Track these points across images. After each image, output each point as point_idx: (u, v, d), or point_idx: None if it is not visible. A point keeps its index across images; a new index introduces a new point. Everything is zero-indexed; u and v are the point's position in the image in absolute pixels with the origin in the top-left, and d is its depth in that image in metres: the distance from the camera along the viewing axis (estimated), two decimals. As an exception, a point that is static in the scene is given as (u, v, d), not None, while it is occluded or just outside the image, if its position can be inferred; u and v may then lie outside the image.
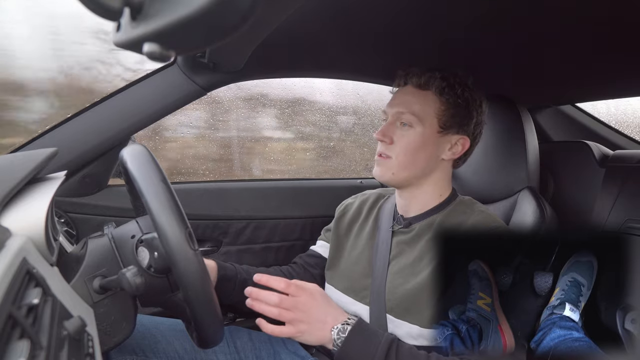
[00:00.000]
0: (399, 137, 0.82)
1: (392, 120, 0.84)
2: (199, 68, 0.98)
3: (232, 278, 0.84)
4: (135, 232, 0.62)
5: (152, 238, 0.60)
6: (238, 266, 0.88)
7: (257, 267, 0.94)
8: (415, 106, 0.82)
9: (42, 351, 0.32)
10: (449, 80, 0.82)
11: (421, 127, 0.81)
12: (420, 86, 0.83)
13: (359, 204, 0.99)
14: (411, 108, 0.82)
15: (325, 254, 0.99)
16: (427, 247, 0.81)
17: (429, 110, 0.82)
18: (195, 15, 0.23)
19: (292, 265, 0.99)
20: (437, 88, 0.82)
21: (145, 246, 0.60)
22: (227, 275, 0.84)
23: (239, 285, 0.84)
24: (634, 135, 1.50)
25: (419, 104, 0.82)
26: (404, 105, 0.82)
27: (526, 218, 0.94)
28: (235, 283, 0.84)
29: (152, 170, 0.55)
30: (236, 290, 0.83)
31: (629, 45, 0.80)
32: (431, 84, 0.82)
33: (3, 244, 0.39)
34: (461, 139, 0.84)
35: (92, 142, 0.96)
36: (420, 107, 0.82)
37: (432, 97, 0.82)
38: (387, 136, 0.83)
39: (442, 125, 0.82)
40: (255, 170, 1.57)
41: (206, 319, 0.55)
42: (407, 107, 0.82)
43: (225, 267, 0.85)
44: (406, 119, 0.82)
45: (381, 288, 0.82)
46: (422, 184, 0.86)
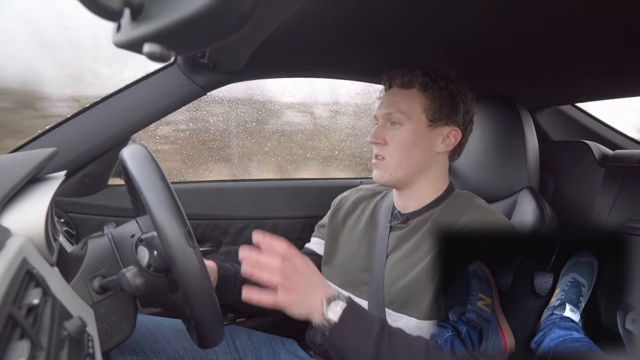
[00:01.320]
0: (391, 136, 0.84)
1: (382, 122, 0.86)
2: (199, 68, 0.98)
3: (232, 278, 0.84)
4: (135, 232, 0.62)
5: (152, 237, 0.60)
6: (237, 266, 0.88)
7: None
8: (402, 105, 0.84)
9: (42, 351, 0.32)
10: (431, 75, 0.84)
11: (410, 124, 0.83)
12: (404, 85, 0.85)
13: (354, 199, 0.99)
14: (399, 107, 0.84)
15: (320, 251, 0.99)
16: (423, 240, 0.81)
17: (416, 106, 0.84)
18: (196, 16, 0.23)
19: None
20: (421, 84, 0.84)
21: (144, 245, 0.60)
22: (227, 275, 0.84)
23: (239, 285, 0.84)
24: (634, 135, 1.50)
25: (405, 102, 0.84)
26: (391, 106, 0.85)
27: (526, 218, 0.94)
28: (235, 283, 0.84)
29: (152, 170, 0.55)
30: (236, 290, 0.83)
31: (629, 45, 0.80)
32: (414, 81, 0.84)
33: (3, 244, 0.39)
34: (452, 130, 0.85)
35: (92, 142, 0.96)
36: (407, 105, 0.84)
37: (417, 94, 0.84)
38: (379, 137, 0.85)
39: (431, 119, 0.84)
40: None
41: (206, 319, 0.55)
42: (395, 106, 0.84)
43: (225, 267, 0.85)
44: (395, 118, 0.84)
45: (379, 282, 0.83)
46: (419, 181, 0.86)
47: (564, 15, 0.70)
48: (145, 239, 0.61)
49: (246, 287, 0.65)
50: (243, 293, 0.64)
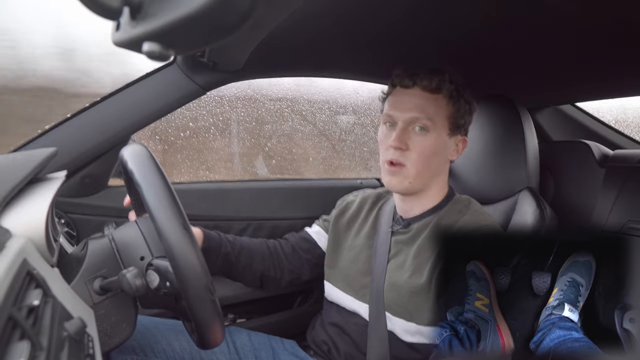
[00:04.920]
0: (415, 142, 0.80)
1: (404, 126, 0.81)
2: (199, 67, 0.98)
3: (215, 249, 0.86)
4: (144, 253, 0.60)
5: (166, 270, 0.57)
6: (224, 236, 0.89)
7: (241, 237, 0.95)
8: (429, 110, 0.80)
9: (43, 352, 0.32)
10: (457, 84, 0.82)
11: (436, 132, 0.81)
12: (432, 90, 0.81)
13: (359, 203, 0.99)
14: (427, 112, 0.80)
15: (319, 242, 0.98)
16: (424, 245, 0.82)
17: (442, 113, 0.82)
18: (195, 15, 0.23)
19: (281, 241, 0.99)
20: (448, 91, 0.81)
21: (155, 271, 0.59)
22: (212, 246, 0.85)
23: (221, 258, 0.86)
24: (634, 135, 1.50)
25: (433, 107, 0.81)
26: (417, 110, 0.80)
27: (526, 218, 0.93)
28: (218, 255, 0.86)
29: (152, 170, 0.55)
30: (218, 262, 0.85)
31: (629, 44, 0.80)
32: (442, 87, 0.81)
33: (3, 245, 0.39)
34: (462, 139, 0.86)
35: (92, 142, 0.96)
36: (434, 111, 0.81)
37: (443, 101, 0.82)
38: (403, 142, 0.80)
39: (452, 128, 0.83)
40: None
41: (207, 321, 0.55)
42: (423, 111, 0.80)
43: (211, 237, 0.86)
44: (423, 124, 0.80)
45: (380, 286, 0.83)
46: (429, 188, 0.86)
47: (563, 16, 0.70)
48: (156, 266, 0.58)
49: None
50: None
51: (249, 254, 0.91)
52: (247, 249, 0.91)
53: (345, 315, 0.88)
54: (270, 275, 0.93)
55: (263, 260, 0.93)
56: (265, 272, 0.93)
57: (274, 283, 0.95)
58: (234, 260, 0.88)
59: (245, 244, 0.92)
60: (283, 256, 0.95)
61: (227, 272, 0.90)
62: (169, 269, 0.55)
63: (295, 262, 0.96)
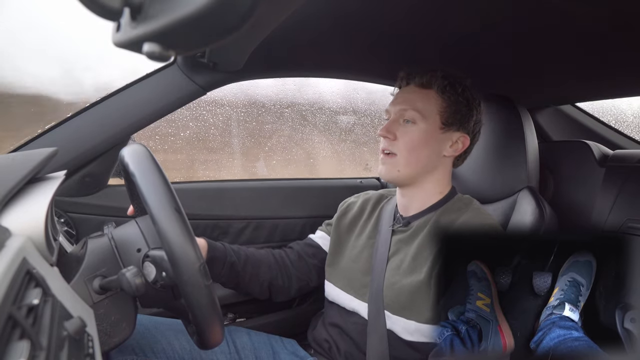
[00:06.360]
0: (403, 133, 0.84)
1: (395, 117, 0.86)
2: (199, 68, 0.98)
3: (220, 259, 0.85)
4: (141, 245, 0.60)
5: (161, 259, 0.58)
6: (228, 246, 0.89)
7: (247, 246, 0.94)
8: (418, 103, 0.84)
9: (42, 352, 0.32)
10: (450, 79, 0.84)
11: (424, 124, 0.83)
12: (423, 85, 0.85)
13: (361, 204, 0.99)
14: (414, 105, 0.83)
15: (324, 246, 0.99)
16: (423, 244, 0.82)
17: (432, 107, 0.84)
18: (195, 15, 0.23)
19: (286, 250, 0.99)
20: (439, 86, 0.84)
21: (151, 262, 0.59)
22: (216, 256, 0.85)
23: (227, 268, 0.85)
24: (634, 135, 1.50)
25: (422, 101, 0.84)
26: (406, 103, 0.84)
27: (526, 218, 0.93)
28: (223, 265, 0.85)
29: (152, 170, 0.55)
30: (224, 272, 0.85)
31: (629, 44, 0.80)
32: (433, 83, 0.84)
33: (3, 244, 0.39)
34: (462, 137, 0.86)
35: (92, 142, 0.96)
36: (423, 104, 0.83)
37: (434, 95, 0.84)
38: (390, 132, 0.84)
39: (444, 122, 0.84)
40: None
41: (207, 321, 0.55)
42: (410, 104, 0.84)
43: (215, 247, 0.85)
44: (409, 116, 0.84)
45: (379, 285, 0.83)
46: (424, 182, 0.87)
47: (563, 16, 0.70)
48: (152, 257, 0.59)
49: None
50: None
51: (255, 264, 0.90)
52: (253, 259, 0.91)
53: (345, 315, 0.88)
54: (278, 284, 0.93)
55: (270, 270, 0.92)
56: (273, 281, 0.92)
57: (283, 292, 0.95)
58: (240, 270, 0.87)
59: (251, 254, 0.91)
60: (289, 264, 0.95)
61: (234, 282, 0.88)
62: (164, 257, 0.56)
63: (303, 268, 0.96)
